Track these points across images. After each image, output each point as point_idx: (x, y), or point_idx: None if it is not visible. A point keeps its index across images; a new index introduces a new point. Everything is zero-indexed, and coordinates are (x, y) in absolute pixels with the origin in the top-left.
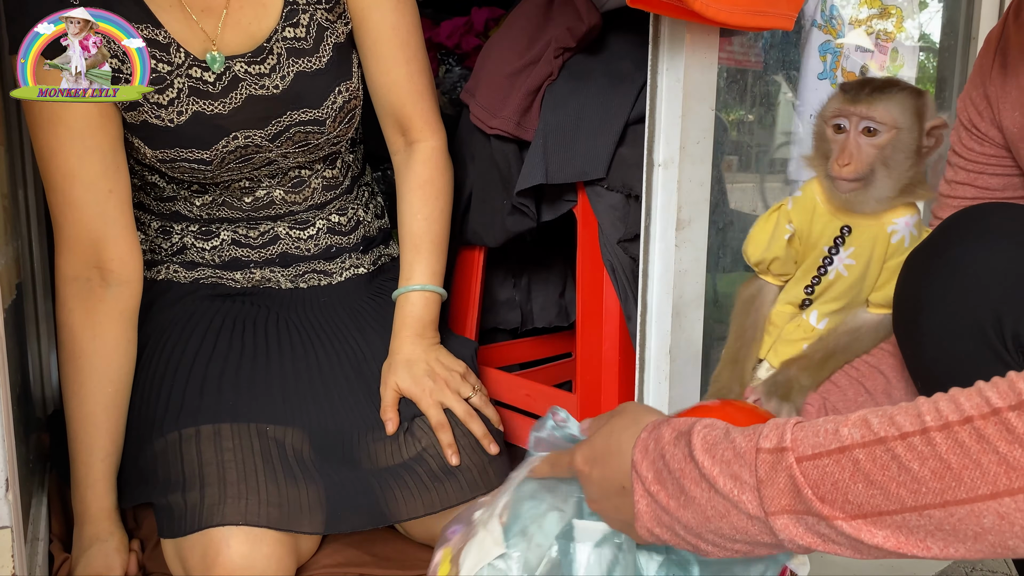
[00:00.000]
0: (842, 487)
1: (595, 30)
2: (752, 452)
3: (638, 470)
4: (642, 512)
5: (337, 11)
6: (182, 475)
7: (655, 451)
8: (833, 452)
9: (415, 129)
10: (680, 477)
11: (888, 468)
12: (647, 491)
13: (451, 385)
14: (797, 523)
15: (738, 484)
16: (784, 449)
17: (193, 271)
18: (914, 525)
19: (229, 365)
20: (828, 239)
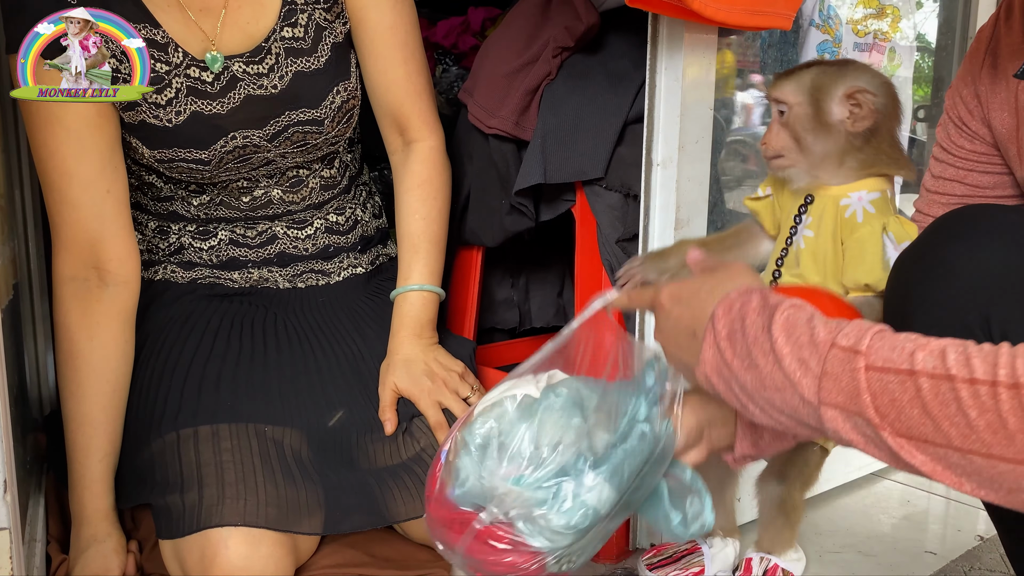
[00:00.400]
0: (898, 406)
1: (593, 29)
2: (826, 344)
3: (715, 323)
4: (707, 360)
5: (335, 11)
6: (180, 476)
7: (737, 313)
8: (902, 372)
9: (413, 129)
10: (751, 344)
11: (947, 406)
12: (716, 344)
13: (449, 385)
14: (846, 420)
15: (802, 368)
16: (858, 352)
17: (191, 271)
18: (954, 462)
19: (227, 365)
20: (793, 209)
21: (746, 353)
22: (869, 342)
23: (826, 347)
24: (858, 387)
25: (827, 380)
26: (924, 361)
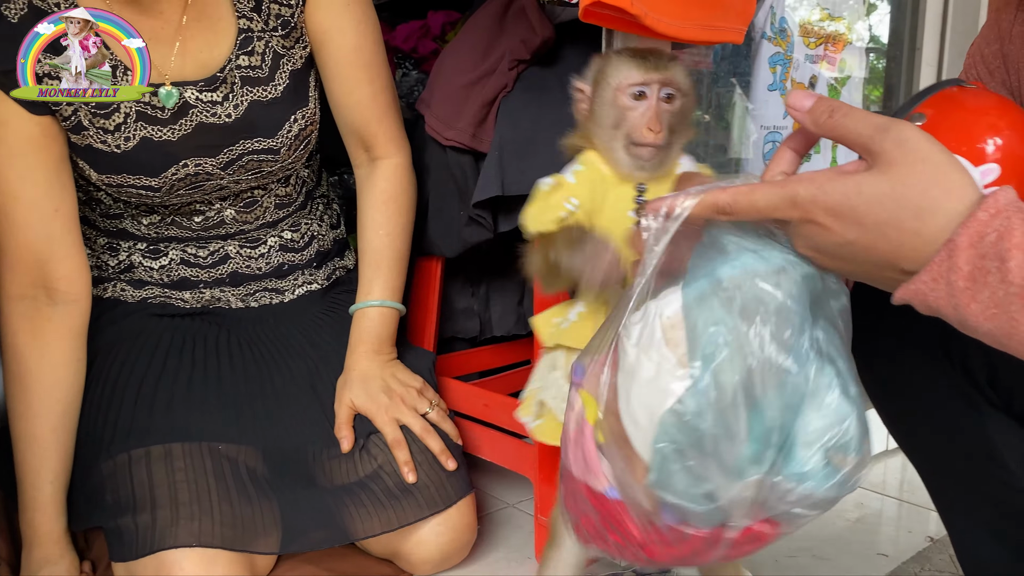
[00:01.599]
0: None
1: (549, 42)
2: None
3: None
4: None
5: (294, 36)
6: (132, 497)
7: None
8: None
9: (379, 146)
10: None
11: None
12: (948, 279)
13: (407, 401)
14: None
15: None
16: None
17: (141, 290)
18: None
19: (179, 383)
20: (628, 202)
21: (998, 303)
22: None
23: None
24: None
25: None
26: None
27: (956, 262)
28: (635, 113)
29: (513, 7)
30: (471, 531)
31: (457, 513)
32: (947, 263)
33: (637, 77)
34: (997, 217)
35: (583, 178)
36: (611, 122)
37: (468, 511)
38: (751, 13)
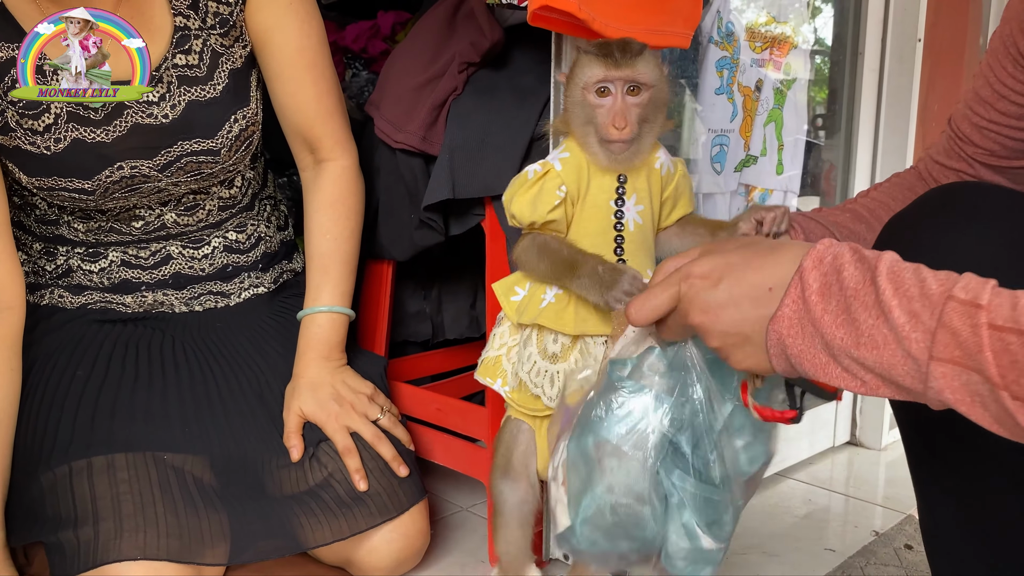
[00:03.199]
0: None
1: (498, 45)
2: (942, 297)
3: (804, 276)
4: (784, 317)
5: (233, 35)
6: (74, 511)
7: (831, 265)
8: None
9: (325, 149)
10: (851, 297)
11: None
12: (804, 298)
13: (358, 408)
14: (957, 377)
15: (913, 321)
16: (979, 307)
17: (80, 295)
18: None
19: (122, 392)
20: (610, 192)
21: (843, 308)
22: (990, 298)
23: (941, 299)
24: (981, 344)
25: (942, 334)
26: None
27: (807, 281)
28: (602, 110)
29: (462, 10)
30: (424, 537)
31: (409, 519)
32: (799, 283)
33: (600, 74)
34: (830, 247)
35: (569, 165)
36: (582, 119)
37: (420, 517)
38: (697, 18)
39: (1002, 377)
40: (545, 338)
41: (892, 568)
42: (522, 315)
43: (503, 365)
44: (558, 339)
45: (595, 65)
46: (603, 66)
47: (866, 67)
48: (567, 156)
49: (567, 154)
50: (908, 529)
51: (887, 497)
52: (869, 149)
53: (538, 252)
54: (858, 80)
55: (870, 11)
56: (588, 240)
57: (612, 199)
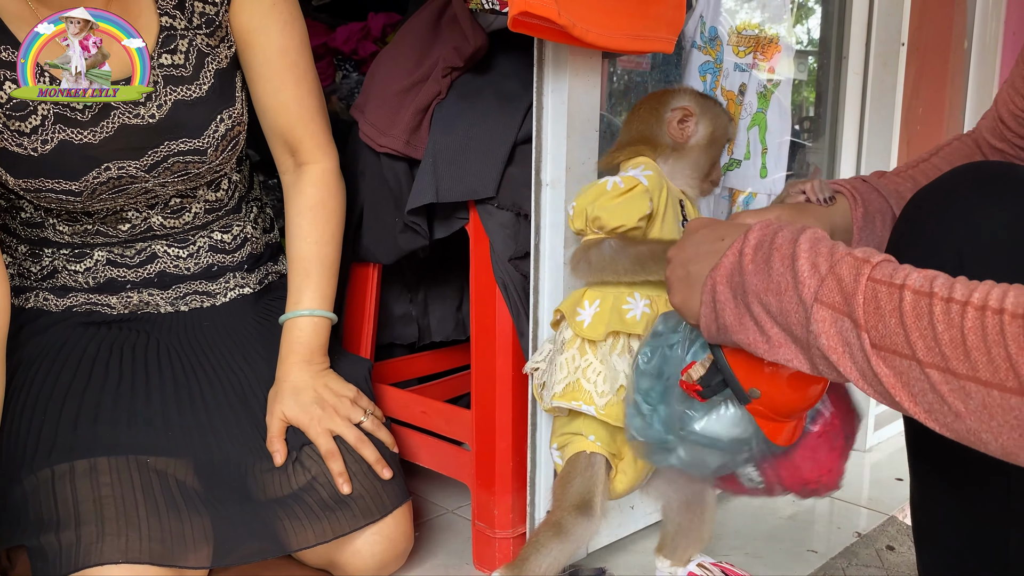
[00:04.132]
0: (883, 314)
1: (482, 50)
2: (841, 253)
3: (748, 235)
4: (724, 265)
5: (219, 35)
6: (56, 514)
7: (772, 230)
8: (894, 285)
9: (305, 151)
10: (773, 250)
11: (920, 319)
12: (740, 250)
13: (340, 411)
14: (834, 322)
15: (812, 269)
16: (867, 263)
17: (65, 298)
18: (914, 378)
19: (105, 396)
20: (677, 211)
21: (764, 259)
22: (879, 260)
23: (840, 255)
24: (856, 290)
25: (828, 281)
26: (915, 280)
27: (748, 238)
28: (718, 166)
29: (446, 15)
30: (407, 539)
31: (393, 522)
32: (742, 239)
33: (732, 135)
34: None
35: (653, 183)
36: (706, 163)
37: (404, 520)
38: (680, 22)
39: (865, 320)
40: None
41: (874, 569)
42: (596, 329)
43: (585, 387)
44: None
45: (730, 126)
46: (733, 129)
47: (850, 70)
48: (651, 174)
49: (650, 172)
50: (890, 530)
51: (871, 499)
52: (853, 152)
53: (617, 248)
54: (842, 83)
55: (854, 14)
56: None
57: (679, 219)
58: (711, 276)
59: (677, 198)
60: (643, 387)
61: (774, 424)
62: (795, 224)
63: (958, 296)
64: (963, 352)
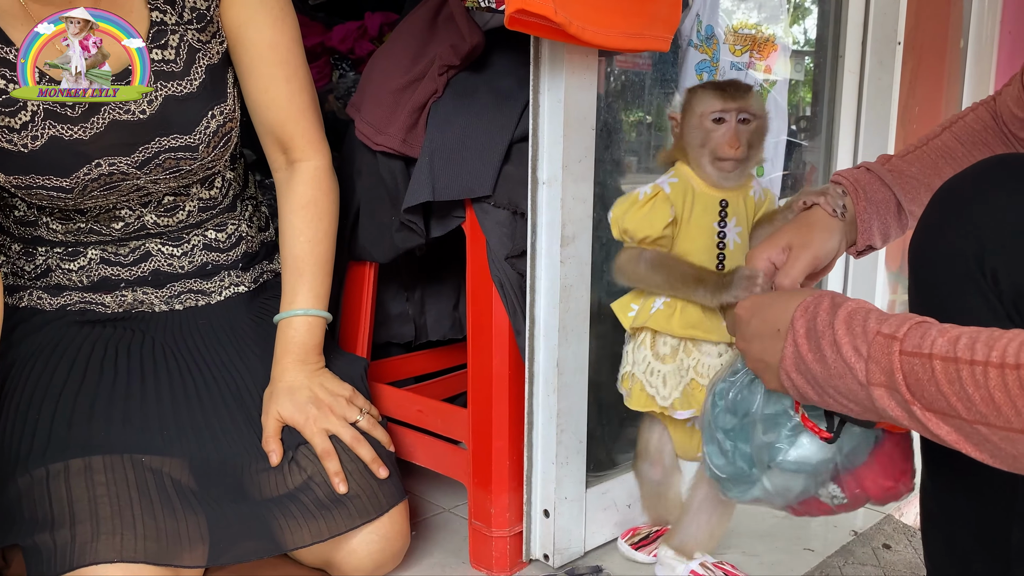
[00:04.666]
0: (922, 384)
1: (478, 48)
2: (873, 333)
3: (794, 323)
4: (787, 356)
5: (210, 30)
6: (51, 513)
7: (812, 313)
8: (923, 355)
9: (297, 148)
10: (820, 337)
11: (953, 383)
12: (795, 341)
13: (336, 411)
14: (890, 397)
15: (856, 354)
16: (895, 338)
17: (59, 297)
18: (967, 432)
19: (100, 394)
20: (713, 214)
21: (816, 347)
22: (906, 330)
23: (873, 334)
24: (893, 368)
25: (871, 363)
26: (941, 347)
27: (796, 327)
28: (718, 134)
29: (443, 13)
30: (403, 538)
31: (389, 521)
32: (792, 330)
33: (718, 105)
34: (816, 298)
35: (676, 189)
36: (698, 142)
37: (400, 519)
38: (676, 21)
39: (912, 393)
40: (656, 341)
41: (870, 567)
42: (635, 321)
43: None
44: (667, 341)
45: (713, 98)
46: (720, 99)
47: (846, 69)
48: (676, 181)
49: (676, 179)
50: (887, 529)
51: None
52: (850, 151)
53: (651, 266)
54: (839, 82)
55: (850, 13)
56: (694, 257)
57: (715, 221)
58: (783, 369)
59: (715, 199)
60: (725, 425)
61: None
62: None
63: (979, 357)
64: (995, 408)
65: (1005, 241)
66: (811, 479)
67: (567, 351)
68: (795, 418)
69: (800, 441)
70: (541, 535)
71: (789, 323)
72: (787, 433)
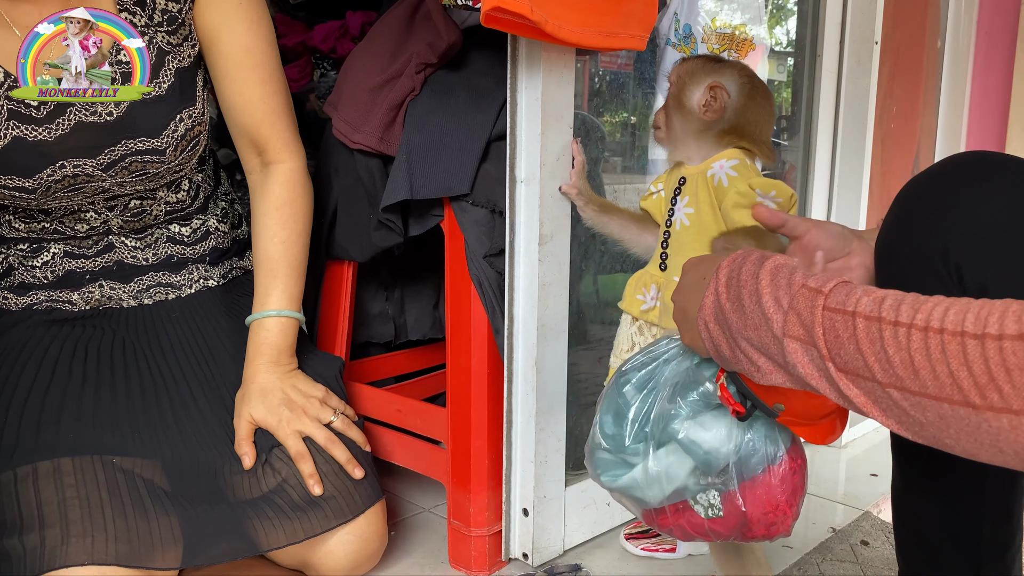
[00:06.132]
0: (841, 342)
1: (455, 47)
2: (798, 285)
3: (719, 272)
4: (707, 305)
5: (181, 33)
6: (19, 517)
7: (738, 263)
8: (847, 313)
9: (272, 151)
10: (741, 287)
11: (873, 343)
12: (716, 290)
13: (309, 412)
14: (804, 353)
15: (775, 304)
16: (820, 293)
17: (25, 296)
18: (878, 396)
19: (69, 396)
20: (671, 192)
21: (736, 296)
22: (831, 287)
23: (797, 287)
24: (813, 323)
25: (790, 315)
26: (865, 305)
27: (720, 275)
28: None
29: (420, 11)
30: (381, 539)
31: (365, 522)
32: (715, 279)
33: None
34: (746, 252)
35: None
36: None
37: (377, 519)
38: (652, 20)
39: (828, 350)
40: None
41: (848, 564)
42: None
43: None
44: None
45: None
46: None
47: (824, 69)
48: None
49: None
50: (865, 525)
51: (846, 494)
52: (828, 150)
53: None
54: (817, 82)
55: (828, 14)
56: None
57: (671, 198)
58: (700, 316)
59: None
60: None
61: (810, 428)
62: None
63: (904, 319)
64: (912, 372)
65: (969, 237)
66: (696, 473)
67: (545, 350)
68: (705, 388)
69: (703, 419)
70: (520, 534)
71: (714, 272)
72: (693, 400)
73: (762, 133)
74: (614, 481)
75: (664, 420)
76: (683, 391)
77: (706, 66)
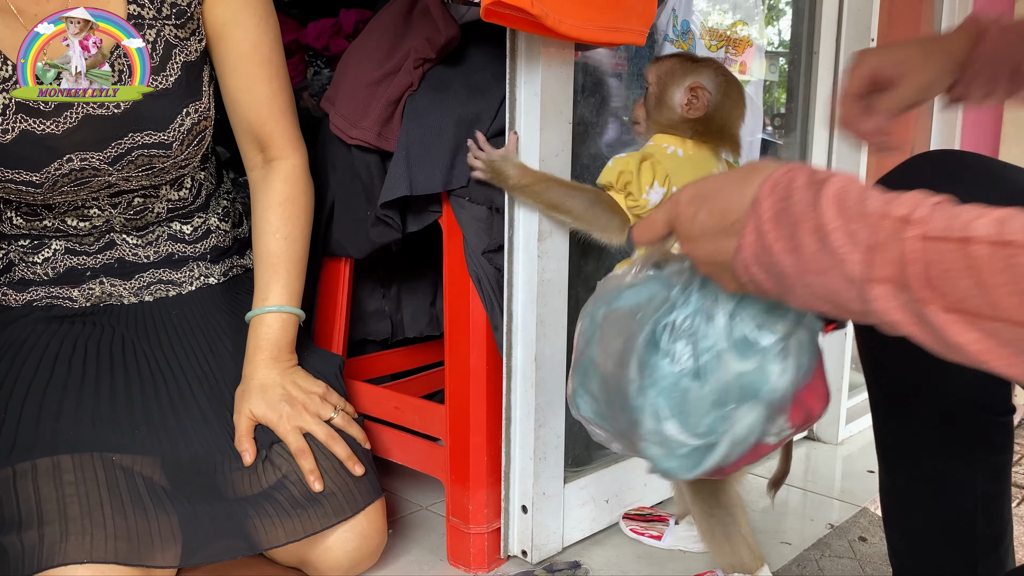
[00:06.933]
0: (951, 277)
1: (454, 41)
2: (878, 215)
3: (759, 206)
4: (746, 247)
5: (190, 27)
6: (18, 514)
7: (783, 191)
8: (957, 240)
9: (275, 147)
10: (797, 222)
11: (1004, 273)
12: (758, 228)
13: (309, 408)
14: (894, 297)
15: (851, 242)
16: (911, 221)
17: (25, 292)
18: (1008, 338)
19: (68, 393)
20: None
21: (790, 234)
22: (926, 212)
23: (877, 217)
24: (907, 258)
25: (876, 252)
26: (983, 228)
27: (761, 209)
28: None
29: (418, 6)
30: (380, 536)
31: (365, 519)
32: (755, 214)
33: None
34: (787, 172)
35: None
36: None
37: (377, 516)
38: (652, 15)
39: (929, 289)
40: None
41: (847, 560)
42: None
43: None
44: None
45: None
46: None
47: (821, 66)
48: None
49: None
50: (863, 522)
51: (843, 491)
52: (824, 148)
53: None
54: (813, 80)
55: (824, 11)
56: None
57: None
58: (739, 260)
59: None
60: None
61: None
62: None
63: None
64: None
65: None
66: (770, 410)
67: (545, 346)
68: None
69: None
70: (519, 531)
71: (751, 205)
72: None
73: (734, 128)
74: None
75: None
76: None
77: (684, 66)
